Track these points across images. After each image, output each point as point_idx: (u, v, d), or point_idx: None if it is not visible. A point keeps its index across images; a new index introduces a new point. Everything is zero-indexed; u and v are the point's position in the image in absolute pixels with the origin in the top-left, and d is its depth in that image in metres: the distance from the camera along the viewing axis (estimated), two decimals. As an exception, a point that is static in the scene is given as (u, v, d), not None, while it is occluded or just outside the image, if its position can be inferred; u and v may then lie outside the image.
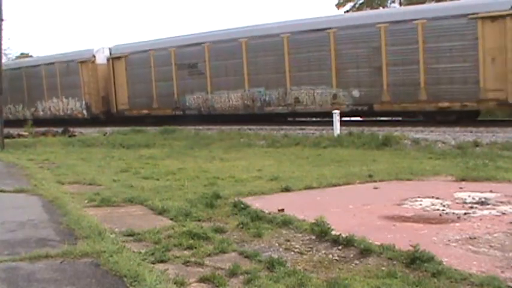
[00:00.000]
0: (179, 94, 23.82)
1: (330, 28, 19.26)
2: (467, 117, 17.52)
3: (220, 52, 22.21)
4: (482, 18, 16.19)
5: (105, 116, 27.73)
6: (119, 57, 26.53)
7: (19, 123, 26.82)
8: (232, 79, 21.96)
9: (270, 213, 6.29)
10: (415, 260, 4.35)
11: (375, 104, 18.73)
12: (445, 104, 17.32)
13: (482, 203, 6.76)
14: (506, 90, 16.12)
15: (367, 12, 21.20)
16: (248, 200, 7.10)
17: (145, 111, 25.72)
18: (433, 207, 6.66)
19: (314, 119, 22.02)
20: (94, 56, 27.49)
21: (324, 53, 19.38)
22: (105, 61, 27.33)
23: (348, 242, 4.99)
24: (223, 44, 22.15)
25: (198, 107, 23.27)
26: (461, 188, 7.86)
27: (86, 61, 27.70)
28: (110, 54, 27.03)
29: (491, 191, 7.40)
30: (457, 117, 17.43)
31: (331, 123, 16.77)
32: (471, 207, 6.51)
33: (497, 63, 16.22)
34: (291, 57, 20.15)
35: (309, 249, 5.08)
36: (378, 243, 4.87)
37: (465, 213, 6.19)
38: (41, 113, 30.73)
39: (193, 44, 23.14)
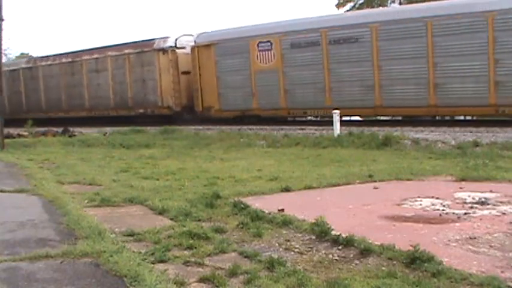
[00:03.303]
0: None
1: None
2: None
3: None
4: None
5: None
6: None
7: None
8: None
9: (270, 213, 6.29)
10: (415, 260, 4.36)
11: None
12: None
13: (482, 203, 6.76)
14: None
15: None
16: (248, 200, 7.10)
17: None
18: (433, 207, 6.66)
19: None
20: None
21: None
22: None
23: (348, 242, 4.99)
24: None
25: None
26: (461, 188, 7.86)
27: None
28: None
29: (491, 191, 7.40)
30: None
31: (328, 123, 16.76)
32: (471, 207, 6.51)
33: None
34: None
35: (309, 249, 5.08)
36: (378, 243, 4.87)
37: (465, 213, 6.19)
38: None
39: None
